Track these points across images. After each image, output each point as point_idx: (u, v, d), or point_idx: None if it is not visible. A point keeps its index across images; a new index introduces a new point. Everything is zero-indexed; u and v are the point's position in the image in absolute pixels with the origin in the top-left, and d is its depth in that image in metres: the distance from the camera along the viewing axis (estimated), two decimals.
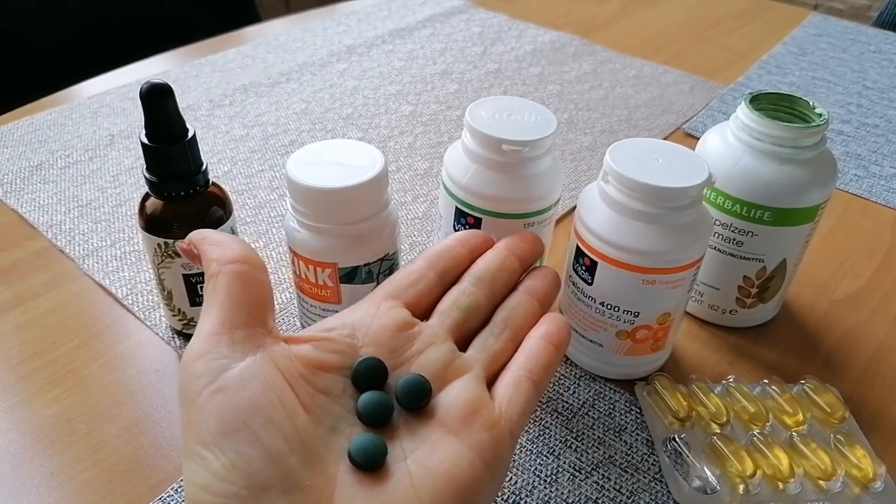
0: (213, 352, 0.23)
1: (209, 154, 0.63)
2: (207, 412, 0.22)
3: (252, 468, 0.21)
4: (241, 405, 0.22)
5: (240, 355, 0.23)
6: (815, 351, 0.46)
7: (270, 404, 0.22)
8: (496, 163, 0.40)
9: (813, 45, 0.89)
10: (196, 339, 0.24)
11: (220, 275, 0.25)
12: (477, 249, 0.34)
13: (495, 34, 0.88)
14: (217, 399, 0.22)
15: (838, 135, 0.71)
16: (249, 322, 0.24)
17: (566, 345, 0.31)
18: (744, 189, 0.41)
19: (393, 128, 0.68)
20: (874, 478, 0.37)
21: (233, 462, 0.21)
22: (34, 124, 0.66)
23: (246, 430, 0.21)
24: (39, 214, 0.55)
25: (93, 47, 0.95)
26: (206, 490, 0.21)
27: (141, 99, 0.36)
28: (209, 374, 0.22)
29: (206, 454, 0.21)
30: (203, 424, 0.22)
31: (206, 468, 0.21)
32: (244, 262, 0.25)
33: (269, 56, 0.81)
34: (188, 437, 0.22)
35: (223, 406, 0.22)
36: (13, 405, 0.40)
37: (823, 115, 0.42)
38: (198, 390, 0.22)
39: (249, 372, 0.23)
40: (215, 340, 0.23)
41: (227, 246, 0.26)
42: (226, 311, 0.24)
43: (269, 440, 0.21)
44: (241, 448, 0.21)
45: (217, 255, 0.25)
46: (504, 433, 0.26)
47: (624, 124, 0.71)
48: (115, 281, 0.49)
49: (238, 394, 0.22)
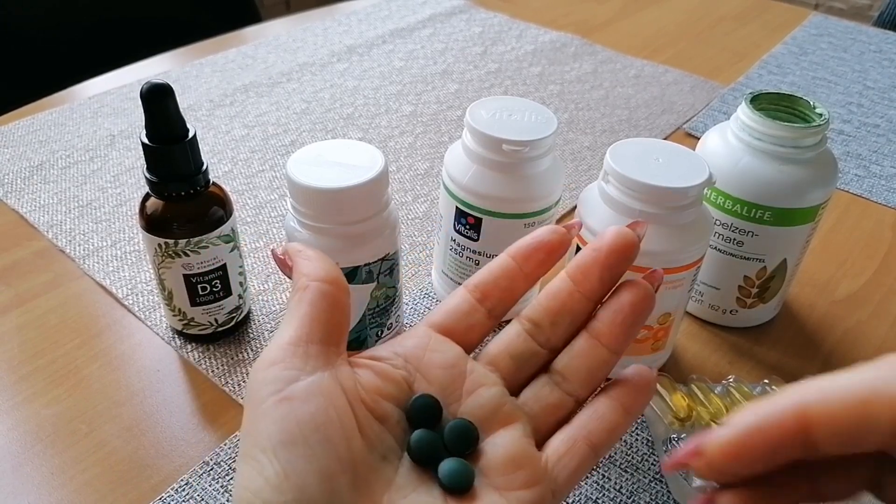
0: (286, 361, 0.23)
1: (210, 154, 0.63)
2: (270, 419, 0.22)
3: (303, 482, 0.21)
4: (303, 418, 0.22)
5: (310, 370, 0.23)
6: (815, 351, 0.46)
7: (330, 422, 0.22)
8: (496, 163, 0.40)
9: (813, 44, 0.89)
10: (272, 347, 0.24)
11: (308, 290, 0.25)
12: (535, 273, 0.29)
13: (496, 34, 0.88)
14: (282, 408, 0.22)
15: (839, 135, 0.71)
16: (325, 340, 0.24)
17: (640, 410, 0.27)
18: (744, 189, 0.41)
19: (393, 128, 0.68)
20: None
21: (286, 472, 0.21)
22: (35, 124, 0.66)
23: (304, 444, 0.22)
24: (40, 214, 0.55)
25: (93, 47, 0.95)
26: (255, 494, 0.21)
27: (141, 99, 0.36)
28: (278, 383, 0.23)
29: (262, 459, 0.22)
30: (264, 430, 0.22)
31: (260, 473, 0.21)
32: (331, 283, 0.25)
33: (269, 56, 0.81)
34: (248, 440, 0.23)
35: (286, 416, 0.22)
36: (14, 405, 0.40)
37: (824, 114, 0.42)
38: (265, 396, 0.23)
39: (317, 387, 0.23)
40: (290, 351, 0.24)
41: (318, 263, 0.26)
42: (305, 326, 0.24)
43: (324, 458, 0.22)
44: (296, 460, 0.21)
45: (308, 269, 0.26)
46: (546, 494, 0.25)
47: (624, 124, 0.71)
48: (116, 281, 0.49)
49: (302, 406, 0.22)
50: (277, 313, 0.47)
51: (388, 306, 0.41)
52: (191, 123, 0.38)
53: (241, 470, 0.22)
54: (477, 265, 0.43)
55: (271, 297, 0.48)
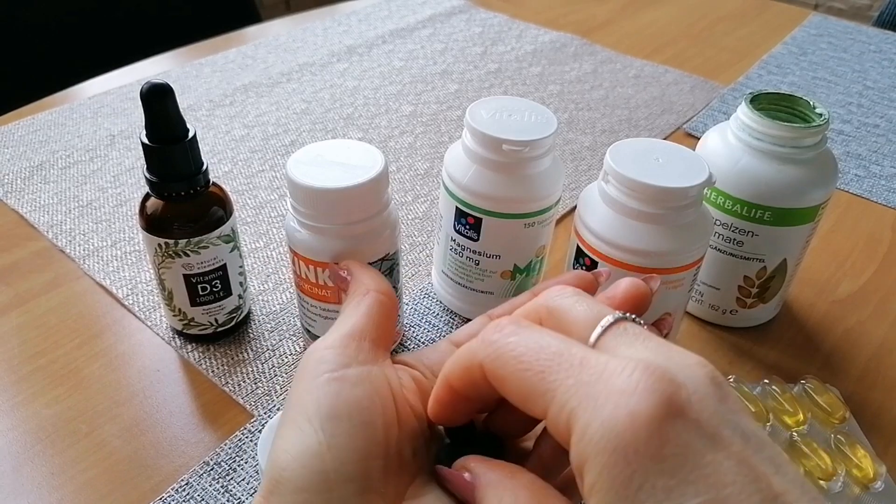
0: (342, 348, 0.25)
1: (209, 154, 0.63)
2: (322, 393, 0.24)
3: (343, 456, 0.23)
4: (351, 399, 0.24)
5: (361, 361, 0.25)
6: (815, 351, 0.46)
7: (374, 409, 0.24)
8: (496, 163, 0.40)
9: (813, 44, 0.89)
10: (331, 334, 0.26)
11: (368, 296, 0.28)
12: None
13: (496, 34, 0.88)
14: (333, 385, 0.24)
15: (839, 135, 0.71)
16: (376, 340, 0.27)
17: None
18: (744, 189, 0.41)
19: (393, 128, 0.68)
20: (874, 478, 0.37)
21: (329, 444, 0.23)
22: (35, 124, 0.66)
23: (349, 421, 0.23)
24: (40, 214, 0.55)
25: (93, 47, 0.95)
26: (295, 458, 0.23)
27: (141, 99, 0.36)
28: (333, 363, 0.25)
29: (306, 428, 0.23)
30: (314, 402, 0.24)
31: (303, 440, 0.23)
32: (387, 295, 0.28)
33: (269, 56, 0.81)
34: (295, 408, 0.24)
35: (336, 392, 0.24)
36: (14, 405, 0.40)
37: (824, 114, 0.42)
38: (319, 372, 0.24)
39: (366, 375, 0.25)
40: (347, 341, 0.26)
41: (377, 278, 0.29)
42: (362, 324, 0.26)
43: (364, 439, 0.23)
44: (339, 435, 0.23)
45: (368, 281, 0.29)
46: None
47: (624, 124, 0.71)
48: (116, 281, 0.49)
49: (352, 389, 0.24)
50: (277, 313, 0.47)
51: None
52: (191, 123, 0.38)
53: (285, 434, 0.24)
54: (477, 265, 0.43)
55: (271, 298, 0.48)
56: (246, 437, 0.39)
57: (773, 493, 0.17)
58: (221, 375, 0.42)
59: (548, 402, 0.19)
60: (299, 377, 0.25)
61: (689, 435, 0.17)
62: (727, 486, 0.17)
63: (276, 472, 0.23)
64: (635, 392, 0.17)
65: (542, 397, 0.19)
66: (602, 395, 0.18)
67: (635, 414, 0.17)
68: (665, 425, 0.17)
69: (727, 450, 0.17)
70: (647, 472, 0.17)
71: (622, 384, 0.18)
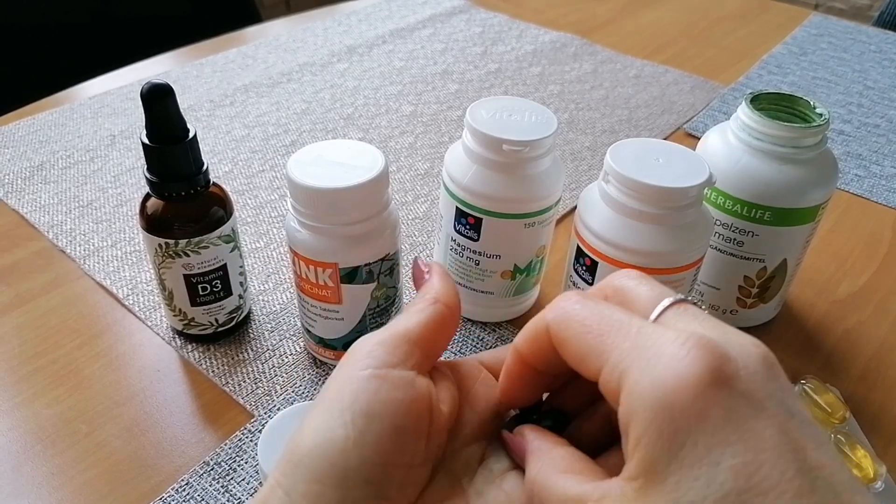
0: (393, 347, 0.25)
1: (210, 154, 0.63)
2: (361, 386, 0.23)
3: (367, 457, 0.22)
4: (389, 400, 0.23)
5: (409, 366, 0.25)
6: (815, 351, 0.46)
7: (409, 416, 0.24)
8: (497, 163, 0.40)
9: (813, 44, 0.89)
10: (385, 330, 0.26)
11: (435, 305, 0.27)
12: None
13: (496, 34, 0.88)
14: (374, 382, 0.23)
15: (839, 135, 0.71)
16: (427, 351, 0.26)
17: None
18: (744, 189, 0.41)
19: (394, 128, 0.68)
20: (875, 478, 0.37)
21: (355, 440, 0.22)
22: (35, 125, 0.66)
23: (380, 423, 0.23)
24: (40, 215, 0.55)
25: (94, 48, 0.95)
26: (318, 445, 0.22)
27: (142, 99, 0.36)
28: (379, 360, 0.24)
29: (338, 418, 0.23)
30: (351, 393, 0.23)
31: (331, 430, 0.23)
32: (452, 309, 0.27)
33: (269, 56, 0.81)
34: (331, 394, 0.24)
35: (375, 390, 0.23)
36: (14, 405, 0.41)
37: (824, 114, 0.42)
38: (364, 365, 0.24)
39: (409, 381, 0.24)
40: (398, 341, 0.25)
41: (449, 286, 0.28)
42: (418, 331, 0.26)
43: (391, 444, 0.23)
44: (368, 435, 0.23)
45: (440, 288, 0.28)
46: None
47: (624, 124, 0.71)
48: (116, 281, 0.49)
49: (392, 391, 0.23)
50: (278, 313, 0.47)
51: (388, 306, 0.41)
52: (191, 123, 0.38)
53: (315, 418, 0.23)
54: (477, 265, 0.43)
55: (272, 298, 0.48)
56: (246, 437, 0.39)
57: (810, 465, 0.17)
58: (221, 375, 0.42)
59: (602, 363, 0.20)
60: (343, 365, 0.25)
61: (733, 401, 0.18)
62: (765, 450, 0.17)
63: (297, 456, 0.23)
64: (685, 357, 0.19)
65: (598, 358, 0.21)
66: (654, 357, 0.19)
67: (683, 376, 0.18)
68: (710, 390, 0.18)
69: (770, 419, 0.18)
70: (690, 430, 0.18)
71: (674, 350, 0.19)
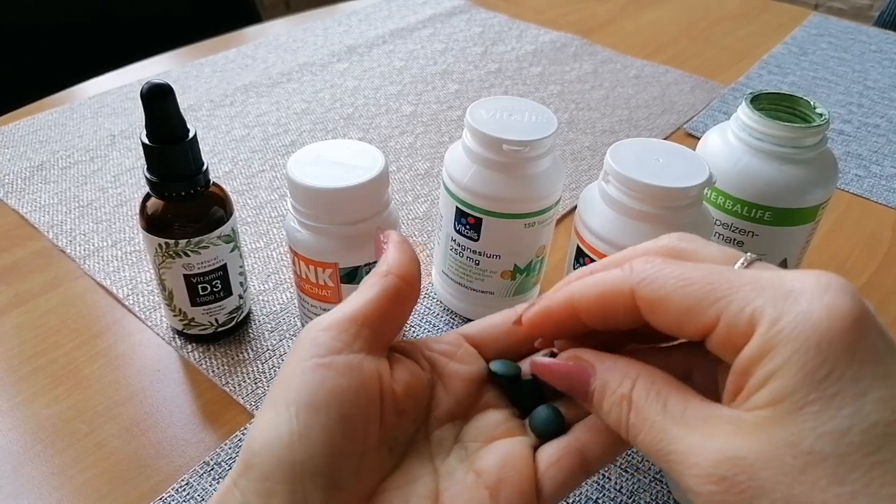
0: (338, 332, 0.24)
1: (210, 154, 0.63)
2: (305, 379, 0.23)
3: (313, 450, 0.22)
4: (334, 390, 0.23)
5: (356, 349, 0.24)
6: None
7: (357, 403, 0.23)
8: (497, 163, 0.40)
9: (814, 44, 0.89)
10: (331, 314, 0.25)
11: (386, 278, 0.26)
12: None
13: (496, 34, 0.88)
14: (318, 372, 0.23)
15: (839, 135, 0.71)
16: (378, 329, 0.25)
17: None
18: (744, 189, 0.41)
19: (394, 128, 0.68)
20: None
21: (301, 434, 0.22)
22: (35, 124, 0.66)
23: (326, 413, 0.22)
24: (40, 214, 0.55)
25: (93, 47, 0.95)
26: (265, 444, 0.22)
27: (142, 99, 0.36)
28: (324, 347, 0.24)
29: (282, 412, 0.22)
30: (295, 387, 0.23)
31: (277, 426, 0.22)
32: (407, 282, 0.26)
33: (269, 56, 0.81)
34: (278, 390, 0.23)
35: (320, 381, 0.23)
36: (14, 405, 0.40)
37: (824, 114, 0.42)
38: (307, 356, 0.23)
39: (356, 366, 0.24)
40: (346, 325, 0.24)
41: (405, 258, 0.27)
42: (367, 309, 0.25)
43: (339, 434, 0.22)
44: (313, 427, 0.22)
45: (393, 260, 0.27)
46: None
47: (625, 124, 0.71)
48: (116, 281, 0.49)
49: (337, 378, 0.23)
50: (278, 313, 0.47)
51: None
52: (191, 123, 0.38)
53: (263, 416, 0.23)
54: (477, 265, 0.43)
55: (272, 297, 0.48)
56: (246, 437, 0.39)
57: None
58: (221, 375, 0.42)
59: (721, 309, 0.20)
60: (289, 356, 0.24)
61: (876, 339, 0.18)
62: None
63: (248, 454, 0.22)
64: (829, 290, 0.19)
65: (711, 306, 0.20)
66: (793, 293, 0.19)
67: (833, 308, 0.18)
68: (859, 324, 0.18)
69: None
70: (838, 362, 0.18)
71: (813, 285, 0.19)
